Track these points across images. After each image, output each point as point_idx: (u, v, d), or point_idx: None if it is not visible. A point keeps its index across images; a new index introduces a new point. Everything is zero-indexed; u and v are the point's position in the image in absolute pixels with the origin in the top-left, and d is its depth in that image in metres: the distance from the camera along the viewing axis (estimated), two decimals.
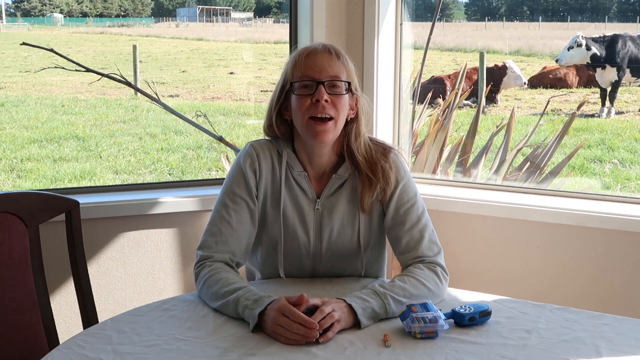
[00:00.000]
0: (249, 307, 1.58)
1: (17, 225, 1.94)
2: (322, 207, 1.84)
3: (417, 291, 1.69)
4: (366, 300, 1.61)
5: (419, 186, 2.77)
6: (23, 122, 8.34)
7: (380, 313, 1.61)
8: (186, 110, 8.20)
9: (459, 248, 2.67)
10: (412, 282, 1.71)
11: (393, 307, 1.62)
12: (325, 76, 1.75)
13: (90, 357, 1.45)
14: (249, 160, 1.84)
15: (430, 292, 1.72)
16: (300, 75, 1.77)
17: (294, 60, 1.79)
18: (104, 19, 11.14)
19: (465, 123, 5.93)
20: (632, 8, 9.40)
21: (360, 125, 1.84)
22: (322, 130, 1.76)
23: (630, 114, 7.72)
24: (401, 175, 1.86)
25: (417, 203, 1.86)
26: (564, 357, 1.45)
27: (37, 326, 1.97)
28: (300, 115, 1.78)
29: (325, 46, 1.80)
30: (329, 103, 1.75)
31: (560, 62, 6.97)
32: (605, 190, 5.89)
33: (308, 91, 1.76)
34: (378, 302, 1.62)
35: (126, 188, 2.82)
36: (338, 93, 1.77)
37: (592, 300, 2.48)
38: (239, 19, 11.83)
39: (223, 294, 1.65)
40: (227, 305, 1.63)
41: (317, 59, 1.77)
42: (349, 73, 1.81)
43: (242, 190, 1.82)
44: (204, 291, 1.72)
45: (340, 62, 1.78)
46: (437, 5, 4.77)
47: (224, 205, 1.82)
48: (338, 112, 1.77)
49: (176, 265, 2.67)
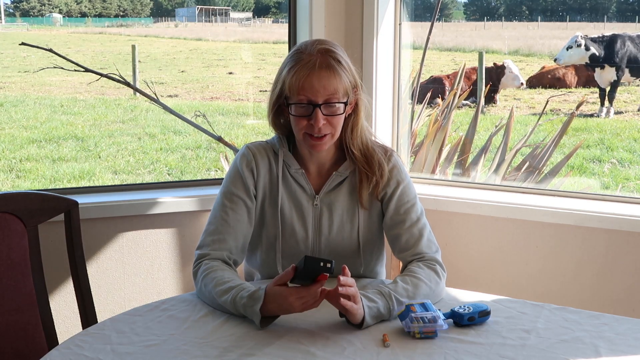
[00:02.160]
0: (248, 305, 1.58)
1: (16, 225, 1.94)
2: (321, 203, 1.85)
3: (419, 291, 1.70)
4: (373, 300, 1.62)
5: (418, 186, 2.78)
6: (22, 122, 8.34)
7: (384, 314, 1.62)
8: (185, 110, 8.20)
9: (458, 248, 2.67)
10: (414, 281, 1.71)
11: (396, 309, 1.63)
12: (321, 98, 1.74)
13: (89, 357, 1.45)
14: (246, 160, 1.86)
15: (431, 291, 1.73)
16: (296, 95, 1.75)
17: (292, 78, 1.75)
18: (103, 19, 11.13)
19: (464, 123, 5.93)
20: (631, 8, 9.41)
21: (358, 119, 1.85)
22: (318, 144, 1.79)
23: (629, 114, 7.73)
24: (402, 177, 1.88)
25: (416, 204, 1.88)
26: (563, 357, 1.45)
27: (36, 326, 1.97)
28: (297, 130, 1.80)
29: (322, 59, 1.75)
30: (325, 124, 1.76)
31: (558, 61, 6.97)
32: (604, 190, 5.89)
33: (305, 112, 1.76)
34: (384, 303, 1.62)
35: (125, 188, 2.82)
36: (334, 114, 1.76)
37: (592, 300, 2.48)
38: (238, 19, 11.83)
39: (218, 293, 1.66)
40: (226, 306, 1.64)
41: (314, 80, 1.73)
42: (346, 87, 1.77)
43: (240, 190, 1.83)
44: (201, 290, 1.73)
45: (337, 79, 1.75)
46: (436, 5, 4.77)
47: (221, 205, 1.84)
48: (335, 128, 1.78)
49: (175, 265, 2.67)
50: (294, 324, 1.60)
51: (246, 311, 1.59)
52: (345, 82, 1.78)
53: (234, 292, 1.63)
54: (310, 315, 1.63)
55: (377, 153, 1.86)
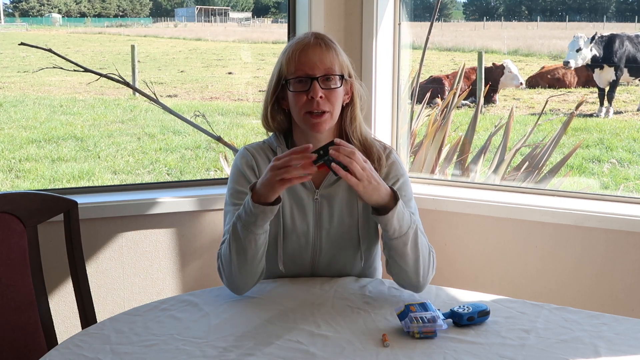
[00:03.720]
0: (244, 207, 1.67)
1: (15, 225, 1.94)
2: (320, 197, 1.86)
3: (424, 250, 1.75)
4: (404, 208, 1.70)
5: (418, 186, 2.78)
6: (21, 122, 8.34)
7: (404, 225, 1.69)
8: (184, 110, 8.20)
9: (458, 248, 2.67)
10: (423, 240, 1.77)
11: (410, 234, 1.70)
12: (318, 71, 1.79)
13: (88, 357, 1.45)
14: (245, 160, 1.89)
15: (428, 261, 1.76)
16: (294, 72, 1.80)
17: (287, 56, 1.82)
18: (102, 19, 11.14)
19: (464, 123, 5.93)
20: (630, 8, 9.42)
21: (355, 108, 1.89)
22: (318, 122, 1.80)
23: (628, 114, 7.74)
24: (401, 172, 1.90)
25: (412, 201, 1.90)
26: (562, 357, 1.45)
27: (36, 326, 1.97)
28: (297, 110, 1.82)
29: (317, 38, 1.82)
30: (324, 99, 1.79)
31: (569, 65, 6.94)
32: (603, 190, 5.90)
33: (303, 87, 1.80)
34: (408, 218, 1.70)
35: (124, 188, 2.82)
36: (332, 87, 1.80)
37: (591, 300, 2.48)
38: (238, 19, 11.84)
39: (228, 240, 1.72)
40: (237, 232, 1.69)
41: (310, 54, 1.80)
42: (342, 63, 1.84)
43: (245, 187, 1.83)
44: (225, 262, 1.74)
45: (332, 54, 1.82)
46: (435, 5, 4.77)
47: (232, 206, 1.85)
48: (333, 105, 1.81)
49: (174, 265, 2.67)
50: (294, 324, 1.60)
51: (245, 213, 1.66)
52: (341, 59, 1.84)
53: (235, 218, 1.70)
54: (310, 315, 1.63)
55: (375, 146, 1.90)
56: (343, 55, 1.86)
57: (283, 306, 1.69)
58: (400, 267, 1.73)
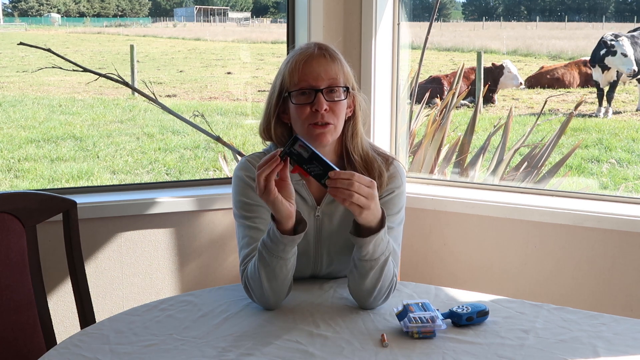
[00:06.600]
0: (269, 235, 1.62)
1: (14, 225, 1.94)
2: (322, 214, 1.83)
3: (386, 279, 1.70)
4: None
5: (417, 186, 2.79)
6: (20, 122, 8.34)
7: (377, 251, 1.65)
8: (183, 110, 8.19)
9: (457, 248, 2.67)
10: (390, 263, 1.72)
11: (380, 261, 1.66)
12: (322, 83, 1.74)
13: (87, 357, 1.45)
14: (246, 172, 1.82)
15: (386, 290, 1.70)
16: (297, 83, 1.75)
17: (290, 67, 1.76)
18: (102, 18, 11.14)
19: (463, 123, 5.94)
20: (630, 8, 9.42)
21: (357, 123, 1.84)
22: (322, 132, 1.75)
23: (627, 114, 7.74)
24: (397, 185, 1.85)
25: (399, 214, 1.85)
26: (561, 357, 1.45)
27: (35, 326, 1.97)
28: (300, 123, 1.77)
29: (320, 49, 1.77)
30: (328, 111, 1.74)
31: (628, 71, 6.89)
32: (602, 190, 5.90)
33: (306, 99, 1.74)
34: (384, 246, 1.66)
35: (123, 188, 2.82)
36: (336, 99, 1.75)
37: (590, 300, 2.48)
38: (237, 19, 11.84)
39: (256, 264, 1.67)
40: (265, 260, 1.64)
41: (314, 65, 1.74)
42: (346, 75, 1.79)
43: (252, 198, 1.79)
44: (253, 282, 1.69)
45: (336, 65, 1.76)
46: (434, 5, 4.77)
47: (243, 219, 1.79)
48: (337, 118, 1.76)
49: (173, 265, 2.67)
50: (294, 324, 1.60)
51: (272, 240, 1.62)
52: (345, 71, 1.79)
53: (259, 244, 1.66)
54: (309, 315, 1.63)
55: (377, 161, 1.84)
56: (347, 66, 1.80)
57: (282, 306, 1.69)
58: (357, 284, 1.69)
